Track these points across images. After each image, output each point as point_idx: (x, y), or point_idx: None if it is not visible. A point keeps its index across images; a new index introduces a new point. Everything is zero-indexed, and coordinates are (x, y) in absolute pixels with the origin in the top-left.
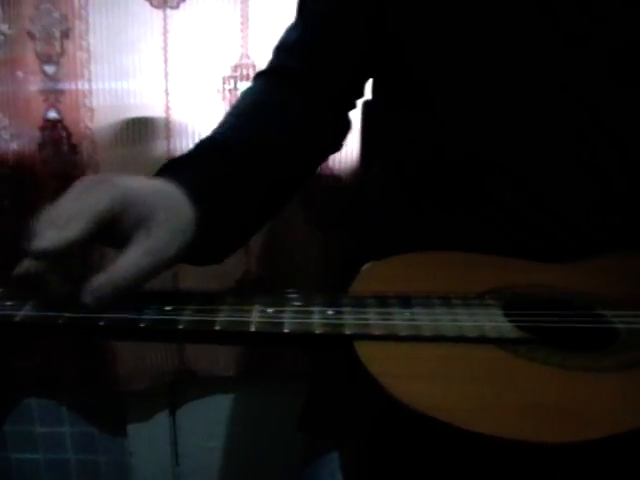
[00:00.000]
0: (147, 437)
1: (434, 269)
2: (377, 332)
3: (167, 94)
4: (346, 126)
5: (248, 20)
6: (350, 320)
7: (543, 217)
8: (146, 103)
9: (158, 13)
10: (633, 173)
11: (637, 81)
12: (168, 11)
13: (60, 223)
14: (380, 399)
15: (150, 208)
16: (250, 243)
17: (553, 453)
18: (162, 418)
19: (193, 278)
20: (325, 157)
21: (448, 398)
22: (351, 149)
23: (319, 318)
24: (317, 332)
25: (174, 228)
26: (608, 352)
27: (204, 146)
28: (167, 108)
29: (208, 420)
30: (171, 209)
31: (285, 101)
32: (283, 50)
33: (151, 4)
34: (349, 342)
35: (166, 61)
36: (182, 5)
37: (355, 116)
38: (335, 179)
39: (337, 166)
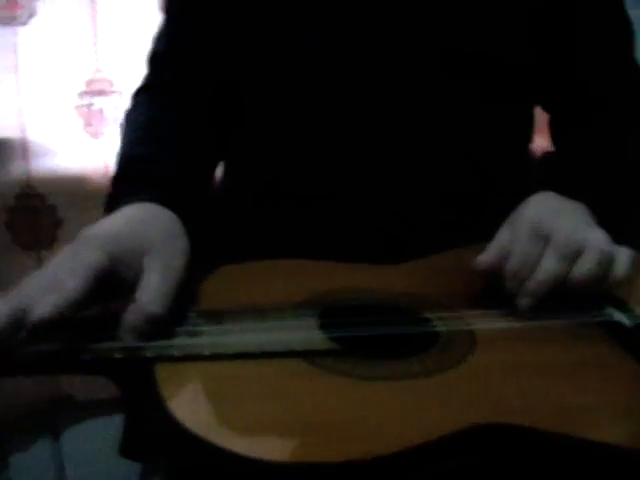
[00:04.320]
0: (29, 466)
1: (263, 280)
2: (179, 353)
3: (21, 113)
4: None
5: (98, 34)
6: (153, 343)
7: (380, 216)
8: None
9: (7, 30)
10: (470, 169)
11: (464, 75)
12: (18, 28)
13: (57, 287)
14: (172, 424)
15: (144, 239)
16: None
17: (342, 472)
18: (44, 445)
19: None
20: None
21: (228, 421)
22: None
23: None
24: (117, 357)
25: (171, 241)
26: (420, 358)
27: (144, 167)
28: (23, 128)
29: (94, 443)
30: (164, 230)
31: (171, 114)
32: (155, 61)
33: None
34: (150, 366)
35: (18, 80)
36: (32, 21)
37: None
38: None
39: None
